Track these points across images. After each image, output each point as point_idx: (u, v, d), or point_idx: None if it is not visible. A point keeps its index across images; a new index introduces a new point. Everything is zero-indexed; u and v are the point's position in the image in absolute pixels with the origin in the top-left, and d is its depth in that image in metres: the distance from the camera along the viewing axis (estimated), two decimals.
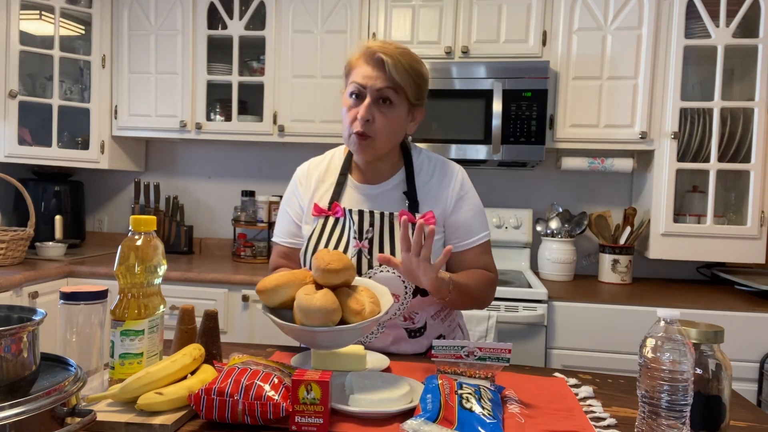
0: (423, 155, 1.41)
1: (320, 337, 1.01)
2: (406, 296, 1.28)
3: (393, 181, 1.37)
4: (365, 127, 1.26)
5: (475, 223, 1.36)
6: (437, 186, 1.36)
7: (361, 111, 1.25)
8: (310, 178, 1.41)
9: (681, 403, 0.78)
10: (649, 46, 2.42)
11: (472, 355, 1.06)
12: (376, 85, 1.25)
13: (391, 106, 1.27)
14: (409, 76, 1.28)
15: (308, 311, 0.99)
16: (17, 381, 0.76)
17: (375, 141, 1.28)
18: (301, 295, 1.02)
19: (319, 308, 0.99)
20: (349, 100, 1.29)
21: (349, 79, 1.30)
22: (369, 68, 1.26)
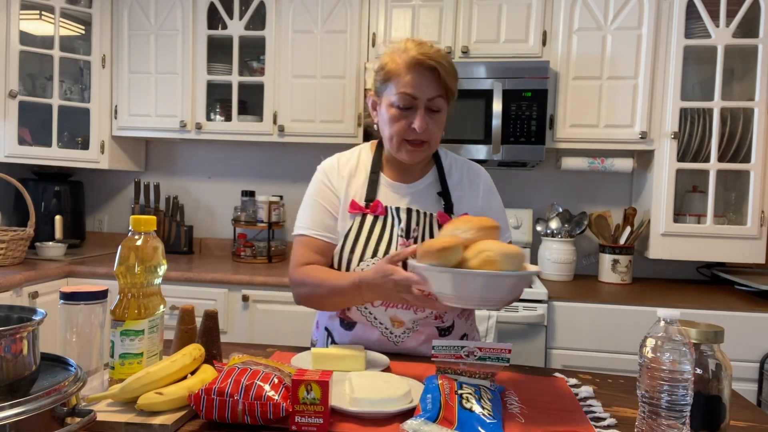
0: (450, 156, 1.44)
1: (519, 282, 1.01)
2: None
3: (425, 181, 1.38)
4: (421, 136, 1.26)
5: (502, 225, 1.38)
6: (467, 188, 1.39)
7: (418, 122, 1.24)
8: (342, 172, 1.38)
9: (681, 403, 0.78)
10: (649, 46, 2.42)
11: (472, 355, 1.06)
12: (429, 94, 1.25)
13: (438, 113, 1.28)
14: (455, 79, 1.29)
15: (511, 256, 0.98)
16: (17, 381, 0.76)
17: (430, 145, 1.30)
18: (493, 243, 1.01)
19: (518, 252, 0.99)
20: (393, 110, 1.27)
21: (392, 87, 1.26)
22: (418, 77, 1.24)
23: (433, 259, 0.99)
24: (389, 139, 1.30)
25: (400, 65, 1.25)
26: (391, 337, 1.31)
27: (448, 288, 0.99)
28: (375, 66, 1.33)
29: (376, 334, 1.31)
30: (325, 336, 1.42)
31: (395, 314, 1.29)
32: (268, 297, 2.38)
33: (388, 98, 1.28)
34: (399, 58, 1.26)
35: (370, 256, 1.29)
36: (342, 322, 1.36)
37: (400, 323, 1.30)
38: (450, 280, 0.98)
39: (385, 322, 1.30)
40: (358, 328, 1.33)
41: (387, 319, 1.30)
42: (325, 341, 1.42)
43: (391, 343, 1.31)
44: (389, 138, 1.30)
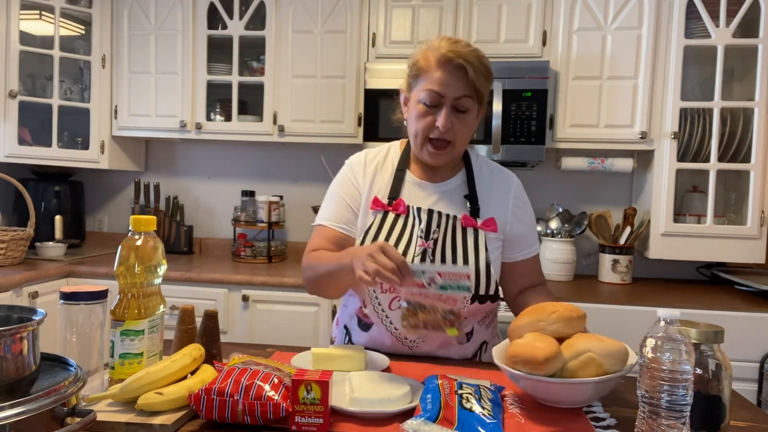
0: (481, 159, 1.42)
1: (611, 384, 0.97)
2: (464, 302, 1.25)
3: (454, 182, 1.36)
4: (445, 135, 1.25)
5: (531, 235, 1.40)
6: (497, 193, 1.36)
7: (441, 120, 1.23)
8: (368, 168, 1.37)
9: (681, 403, 0.78)
10: (649, 46, 2.42)
11: (434, 283, 1.05)
12: (456, 93, 1.23)
13: (465, 114, 1.26)
14: (486, 80, 1.27)
15: (615, 355, 0.95)
16: (17, 381, 0.76)
17: (454, 146, 1.28)
18: (592, 340, 0.97)
19: (621, 348, 0.97)
20: (420, 106, 1.26)
21: (421, 83, 1.26)
22: (445, 74, 1.23)
23: (537, 371, 0.93)
24: (414, 137, 1.30)
25: (430, 61, 1.25)
26: (405, 342, 1.30)
27: (553, 396, 0.95)
28: (409, 62, 1.32)
29: (392, 339, 1.30)
30: (344, 334, 1.41)
31: None
32: (268, 297, 2.37)
33: (416, 94, 1.27)
34: (430, 55, 1.25)
35: None
36: (360, 322, 1.35)
37: None
38: (558, 391, 0.94)
39: (400, 328, 1.27)
40: (374, 330, 1.32)
41: None
42: (343, 339, 1.42)
43: (406, 347, 1.30)
44: (414, 135, 1.29)
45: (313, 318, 2.34)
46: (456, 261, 1.27)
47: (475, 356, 1.35)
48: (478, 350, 1.36)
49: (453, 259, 1.27)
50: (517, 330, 1.04)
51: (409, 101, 1.32)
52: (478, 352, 1.36)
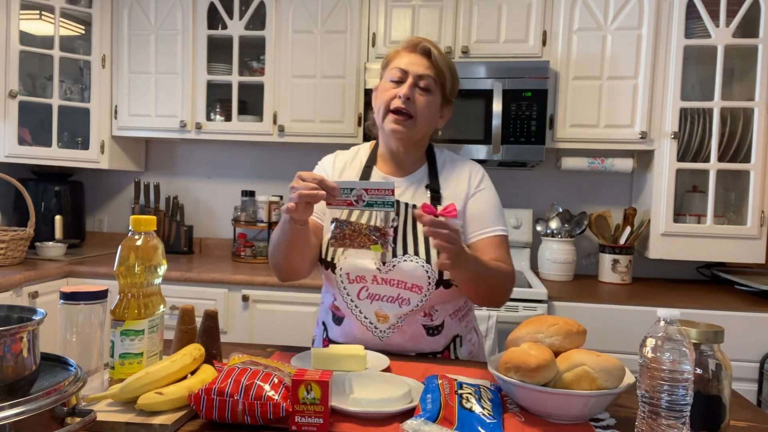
0: (446, 153, 1.45)
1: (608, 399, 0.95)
2: (429, 288, 1.28)
3: (417, 175, 1.40)
4: (406, 104, 1.29)
5: (491, 215, 1.37)
6: (458, 181, 1.39)
7: (403, 89, 1.28)
8: (337, 164, 1.44)
9: (681, 403, 0.78)
10: (649, 46, 2.42)
11: (361, 200, 1.08)
12: (419, 71, 1.30)
13: (429, 93, 1.32)
14: (449, 70, 1.35)
15: (612, 371, 0.93)
16: (17, 381, 0.76)
17: (415, 122, 1.31)
18: (588, 355, 0.95)
19: (617, 365, 0.94)
20: (387, 84, 1.33)
21: (389, 68, 1.35)
22: (412, 56, 1.33)
23: (528, 378, 0.92)
24: (377, 112, 1.35)
25: (398, 50, 1.36)
26: (375, 332, 1.31)
27: (541, 406, 0.94)
28: (382, 62, 1.41)
29: (362, 329, 1.32)
30: (322, 330, 1.44)
31: (380, 308, 1.30)
32: (268, 297, 2.38)
33: (384, 78, 1.35)
34: (400, 46, 1.37)
35: None
36: (333, 316, 1.38)
37: (384, 318, 1.30)
38: (546, 400, 0.93)
39: (370, 317, 1.31)
40: (346, 322, 1.35)
41: (372, 313, 1.31)
42: (321, 335, 1.44)
43: (377, 339, 1.31)
44: (377, 110, 1.34)
45: (313, 318, 2.34)
46: (417, 248, 1.29)
47: (447, 350, 1.36)
48: (451, 344, 1.36)
49: (415, 246, 1.30)
50: (515, 340, 1.04)
51: (378, 90, 1.38)
52: (452, 346, 1.37)
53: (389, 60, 1.37)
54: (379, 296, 1.30)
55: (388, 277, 1.28)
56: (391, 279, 1.28)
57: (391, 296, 1.29)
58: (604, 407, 0.95)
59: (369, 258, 1.29)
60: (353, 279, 1.30)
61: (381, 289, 1.29)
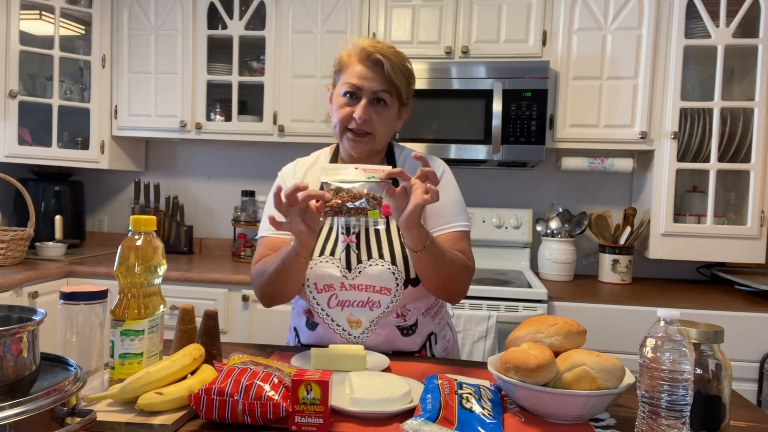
0: (406, 152, 1.45)
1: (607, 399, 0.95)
2: (397, 289, 1.28)
3: None
4: (363, 126, 1.28)
5: (451, 211, 1.36)
6: None
7: (359, 111, 1.27)
8: (297, 173, 1.44)
9: (681, 403, 0.78)
10: (649, 46, 2.42)
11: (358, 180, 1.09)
12: (372, 87, 1.28)
13: (385, 107, 1.30)
14: (404, 77, 1.31)
15: (611, 371, 0.92)
16: (17, 381, 0.76)
17: (374, 138, 1.31)
18: (589, 355, 0.95)
19: (617, 365, 0.93)
20: (341, 98, 1.31)
21: (342, 77, 1.32)
22: (364, 69, 1.28)
23: (528, 378, 0.92)
24: (334, 128, 1.34)
25: (351, 57, 1.31)
26: (350, 338, 1.31)
27: (541, 406, 0.94)
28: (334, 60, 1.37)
29: (335, 337, 1.32)
30: (294, 336, 1.44)
31: (351, 314, 1.30)
32: None
33: (338, 88, 1.33)
34: (352, 51, 1.31)
35: (318, 255, 1.31)
36: (307, 321, 1.38)
37: (357, 323, 1.30)
38: (546, 400, 0.92)
39: (342, 324, 1.30)
40: (320, 329, 1.34)
41: (344, 320, 1.30)
42: (294, 341, 1.44)
43: (351, 344, 1.31)
44: (334, 126, 1.33)
45: None
46: (381, 251, 1.29)
47: (423, 348, 1.36)
48: (426, 342, 1.36)
49: (378, 249, 1.29)
50: (515, 340, 1.04)
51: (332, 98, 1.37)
52: (427, 344, 1.37)
53: (342, 66, 1.32)
54: (349, 302, 1.29)
55: (356, 283, 1.28)
56: (359, 284, 1.28)
57: (361, 301, 1.29)
58: (604, 407, 0.95)
59: (333, 265, 1.29)
60: (321, 288, 1.30)
61: (350, 294, 1.29)
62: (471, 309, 2.18)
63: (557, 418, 0.94)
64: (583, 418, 0.94)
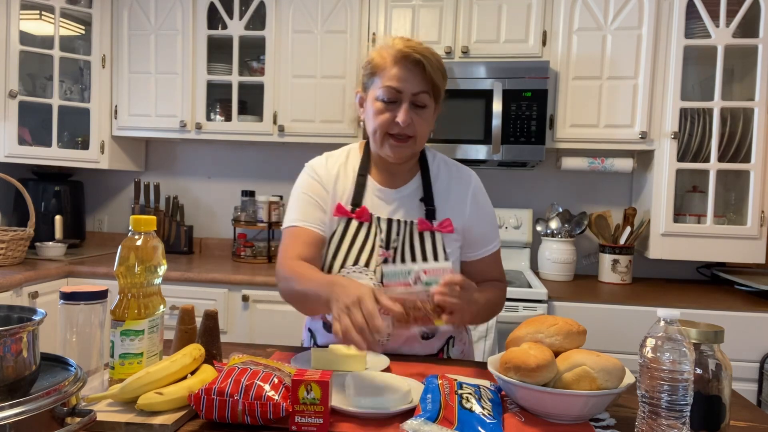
0: (438, 159, 1.41)
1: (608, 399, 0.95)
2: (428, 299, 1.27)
3: (411, 186, 1.36)
4: (406, 130, 1.25)
5: (490, 233, 1.39)
6: (455, 193, 1.36)
7: (402, 116, 1.23)
8: (330, 171, 1.37)
9: (681, 403, 0.78)
10: (649, 46, 2.42)
11: (419, 281, 1.08)
12: (413, 89, 1.24)
13: (424, 108, 1.27)
14: (442, 75, 1.28)
15: (612, 371, 0.93)
16: (17, 381, 0.76)
17: (415, 140, 1.28)
18: (589, 355, 0.95)
19: (617, 365, 0.93)
20: (378, 103, 1.26)
21: (377, 80, 1.27)
22: (402, 70, 1.23)
23: (528, 378, 0.92)
24: (373, 134, 1.29)
25: (386, 59, 1.26)
26: None
27: (541, 406, 0.94)
28: (363, 62, 1.33)
29: None
30: (309, 336, 1.43)
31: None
32: (268, 297, 2.37)
33: (373, 92, 1.28)
34: (385, 52, 1.26)
35: (352, 263, 1.29)
36: (324, 324, 1.37)
37: None
38: (546, 400, 0.92)
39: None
40: None
41: None
42: (309, 342, 1.43)
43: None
44: (373, 132, 1.29)
45: None
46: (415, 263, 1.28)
47: (441, 351, 1.36)
48: (445, 345, 1.37)
49: (413, 261, 1.29)
50: (515, 340, 1.04)
51: (365, 101, 1.32)
52: (445, 347, 1.37)
53: (376, 69, 1.27)
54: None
55: (388, 295, 1.27)
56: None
57: None
58: (604, 407, 0.95)
59: (367, 278, 1.27)
60: None
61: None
62: None
63: (557, 418, 0.94)
64: (583, 418, 0.94)
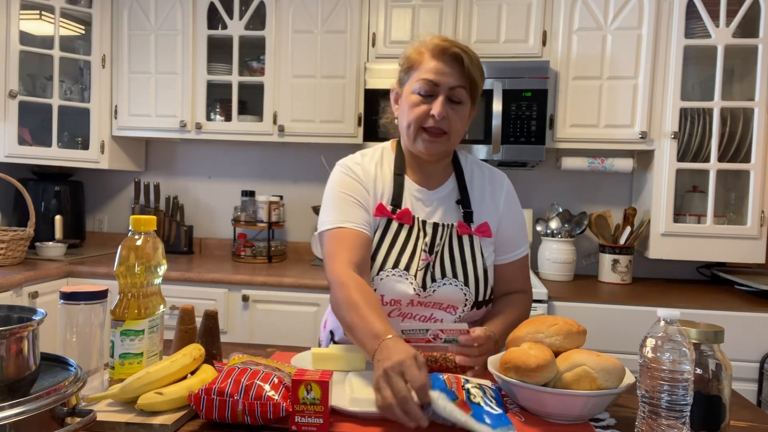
0: (470, 161, 1.40)
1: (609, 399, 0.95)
2: (464, 309, 1.27)
3: (447, 187, 1.35)
4: (441, 124, 1.22)
5: (520, 237, 1.38)
6: (489, 195, 1.36)
7: (437, 108, 1.20)
8: (367, 168, 1.33)
9: (681, 403, 0.78)
10: (649, 46, 2.42)
11: (439, 339, 1.10)
12: (450, 82, 1.22)
13: (460, 105, 1.25)
14: (480, 73, 1.27)
15: (612, 371, 0.93)
16: (17, 381, 0.76)
17: (449, 137, 1.25)
18: (589, 355, 0.95)
19: (617, 365, 0.94)
20: (414, 96, 1.24)
21: (414, 74, 1.25)
22: (440, 64, 1.22)
23: (528, 378, 0.93)
24: (407, 128, 1.26)
25: (423, 53, 1.24)
26: None
27: (541, 406, 0.94)
28: (400, 59, 1.31)
29: None
30: (329, 338, 1.41)
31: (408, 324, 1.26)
32: (268, 297, 2.37)
33: (410, 86, 1.25)
34: (423, 48, 1.25)
35: (391, 267, 1.25)
36: None
37: None
38: (546, 400, 0.92)
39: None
40: None
41: (398, 328, 1.27)
42: (327, 342, 1.42)
43: None
44: (407, 126, 1.26)
45: (313, 318, 2.34)
46: (455, 269, 1.27)
47: None
48: None
49: (452, 268, 1.26)
50: (515, 340, 1.04)
51: (400, 97, 1.31)
52: None
53: (412, 64, 1.25)
54: (411, 315, 1.26)
55: (426, 301, 1.25)
56: (428, 302, 1.25)
57: (424, 316, 1.26)
58: (604, 407, 0.95)
59: (407, 282, 1.24)
60: (387, 302, 1.25)
61: (415, 309, 1.26)
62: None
63: (557, 418, 0.94)
64: (583, 418, 0.94)
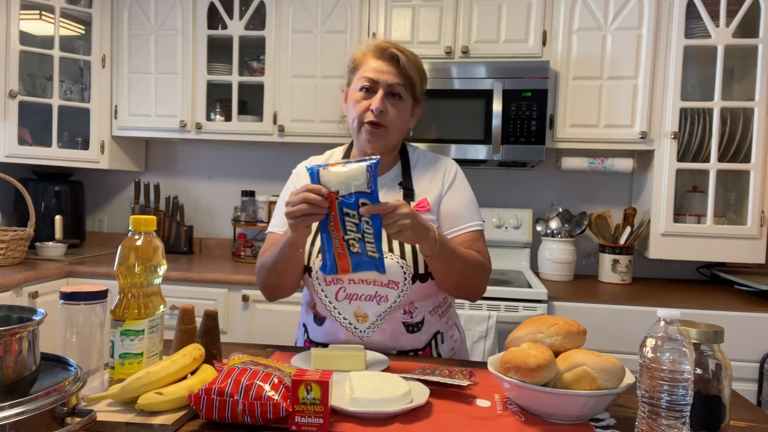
0: (419, 152, 1.47)
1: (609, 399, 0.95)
2: (405, 283, 1.29)
3: (390, 174, 1.42)
4: (379, 118, 1.31)
5: (466, 212, 1.38)
6: (431, 176, 1.41)
7: (375, 103, 1.30)
8: None
9: (681, 403, 0.78)
10: (649, 46, 2.42)
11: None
12: (389, 80, 1.31)
13: (400, 100, 1.34)
14: (418, 73, 1.36)
15: (612, 371, 0.92)
16: (17, 381, 0.76)
17: (388, 131, 1.33)
18: (589, 355, 0.95)
19: (617, 365, 0.93)
20: (357, 93, 1.34)
21: (358, 74, 1.35)
22: (381, 63, 1.32)
23: (528, 378, 0.92)
24: (352, 122, 1.36)
25: (366, 54, 1.35)
26: (356, 333, 1.32)
27: (541, 406, 0.94)
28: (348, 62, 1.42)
29: (343, 331, 1.33)
30: (303, 332, 1.45)
31: (359, 307, 1.30)
32: None
33: (354, 85, 1.36)
34: (366, 49, 1.36)
35: None
36: (315, 317, 1.39)
37: (364, 318, 1.31)
38: (546, 401, 0.92)
39: (349, 317, 1.31)
40: (327, 324, 1.35)
41: (351, 314, 1.31)
42: (303, 337, 1.45)
43: (357, 339, 1.32)
44: (352, 121, 1.36)
45: None
46: (391, 244, 1.30)
47: (428, 347, 1.36)
48: (432, 340, 1.37)
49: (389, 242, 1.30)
50: (515, 340, 1.04)
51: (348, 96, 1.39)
52: (433, 343, 1.37)
53: (357, 64, 1.37)
54: (357, 296, 1.30)
55: (365, 277, 1.29)
56: (368, 278, 1.29)
57: (369, 294, 1.30)
58: (604, 407, 0.95)
59: None
60: (330, 281, 1.31)
61: (358, 288, 1.30)
62: (471, 309, 2.18)
63: (557, 418, 0.94)
64: (583, 418, 0.94)
